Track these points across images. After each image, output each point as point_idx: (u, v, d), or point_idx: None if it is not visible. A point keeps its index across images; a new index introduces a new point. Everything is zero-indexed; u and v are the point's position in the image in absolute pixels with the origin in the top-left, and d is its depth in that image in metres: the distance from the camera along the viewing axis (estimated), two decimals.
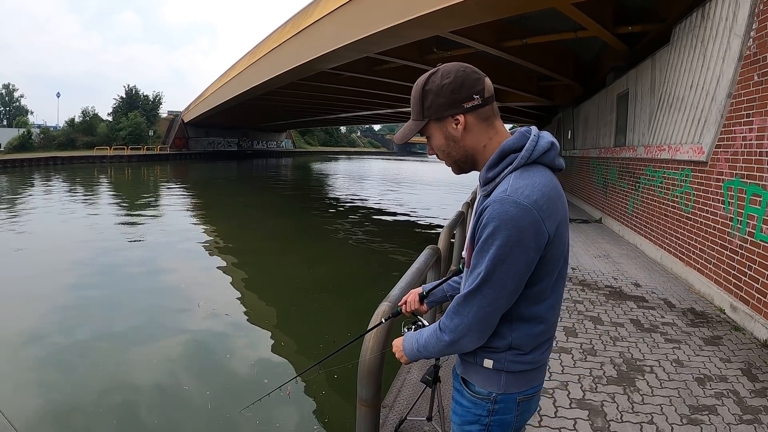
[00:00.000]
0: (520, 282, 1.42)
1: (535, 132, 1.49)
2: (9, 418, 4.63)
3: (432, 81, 1.50)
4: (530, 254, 1.39)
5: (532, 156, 1.44)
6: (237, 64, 31.59)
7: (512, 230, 1.35)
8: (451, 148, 1.55)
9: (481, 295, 1.42)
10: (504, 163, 1.46)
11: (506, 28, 12.38)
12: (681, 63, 8.05)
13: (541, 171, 1.45)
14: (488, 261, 1.39)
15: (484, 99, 1.48)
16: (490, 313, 1.44)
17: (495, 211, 1.37)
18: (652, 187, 9.05)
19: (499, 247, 1.37)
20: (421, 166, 76.25)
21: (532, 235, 1.37)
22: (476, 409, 1.60)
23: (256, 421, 5.13)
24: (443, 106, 1.49)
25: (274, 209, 22.80)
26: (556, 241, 1.44)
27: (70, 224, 16.54)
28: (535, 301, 1.49)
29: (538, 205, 1.37)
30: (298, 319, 8.37)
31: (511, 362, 1.53)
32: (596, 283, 7.00)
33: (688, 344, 4.74)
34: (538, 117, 28.37)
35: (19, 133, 50.72)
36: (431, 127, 1.55)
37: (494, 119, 1.53)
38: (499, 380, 1.55)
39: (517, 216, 1.35)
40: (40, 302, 8.54)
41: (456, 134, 1.51)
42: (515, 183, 1.40)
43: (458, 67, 1.49)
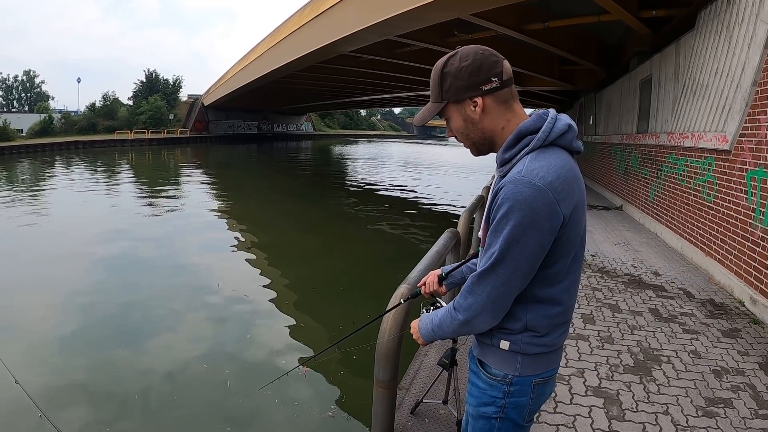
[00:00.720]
0: (533, 263, 1.43)
1: (552, 114, 1.49)
2: (31, 396, 4.79)
3: (451, 63, 1.52)
4: (544, 235, 1.40)
5: (548, 138, 1.45)
6: (257, 47, 31.61)
7: (526, 211, 1.36)
8: (469, 130, 1.57)
9: (495, 274, 1.44)
10: (520, 144, 1.47)
11: (528, 11, 12.21)
12: (706, 49, 7.89)
13: (557, 153, 1.46)
14: (502, 241, 1.40)
15: (503, 82, 1.49)
16: (504, 293, 1.46)
17: (509, 191, 1.39)
18: (674, 175, 8.93)
19: (513, 227, 1.38)
20: (441, 149, 75.98)
21: (546, 216, 1.38)
22: (492, 391, 1.61)
23: (275, 399, 5.23)
24: (461, 88, 1.51)
25: (294, 192, 22.93)
26: (571, 224, 1.45)
27: (91, 206, 16.83)
28: (551, 282, 1.50)
29: (553, 187, 1.38)
30: (318, 301, 8.47)
31: (527, 344, 1.54)
32: (615, 271, 6.96)
33: (706, 336, 4.71)
34: (560, 102, 28.01)
35: (41, 118, 51.22)
36: (450, 109, 1.57)
37: (513, 102, 1.54)
38: (515, 362, 1.56)
39: (531, 197, 1.36)
40: (62, 283, 8.74)
41: (474, 116, 1.53)
42: (530, 164, 1.41)
43: (477, 49, 1.50)
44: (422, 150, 72.02)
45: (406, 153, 63.10)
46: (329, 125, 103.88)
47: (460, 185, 27.91)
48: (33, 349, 6.32)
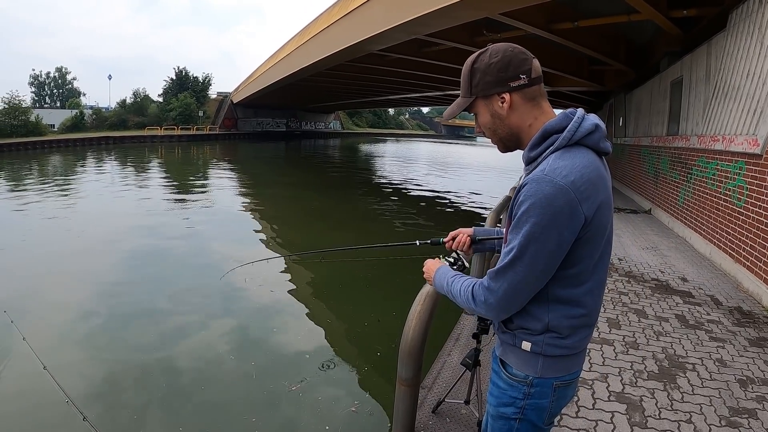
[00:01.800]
0: (551, 262, 1.44)
1: (579, 114, 1.50)
2: (59, 382, 4.94)
3: (481, 60, 1.55)
4: (564, 235, 1.40)
5: (574, 137, 1.46)
6: (285, 45, 31.86)
7: (546, 209, 1.38)
8: (496, 126, 1.59)
9: (513, 271, 1.45)
10: (546, 143, 1.48)
11: (557, 10, 12.12)
12: (737, 50, 7.75)
13: (583, 152, 1.46)
14: (521, 238, 1.42)
15: (531, 79, 1.51)
16: (520, 290, 1.48)
17: (531, 189, 1.40)
18: (704, 178, 8.79)
19: (532, 225, 1.39)
20: (469, 149, 75.68)
21: (567, 215, 1.38)
22: (512, 392, 1.62)
23: (299, 393, 5.30)
24: (490, 84, 1.53)
25: (322, 189, 23.02)
26: (595, 224, 1.45)
27: (121, 200, 17.15)
28: (573, 283, 1.51)
29: (576, 186, 1.38)
30: (344, 298, 8.53)
31: (549, 345, 1.55)
32: (642, 276, 6.89)
33: (732, 344, 4.65)
34: (589, 103, 27.69)
35: (72, 114, 52.26)
36: (478, 105, 1.59)
37: (541, 100, 1.55)
38: (537, 363, 1.57)
39: (552, 195, 1.37)
40: (91, 274, 8.95)
41: (501, 112, 1.55)
42: (554, 163, 1.42)
43: (507, 47, 1.52)
44: (450, 150, 71.77)
45: (434, 152, 62.93)
46: (357, 124, 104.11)
47: (488, 186, 27.76)
48: (61, 337, 6.50)
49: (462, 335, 4.51)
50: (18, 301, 7.42)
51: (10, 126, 40.59)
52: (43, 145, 39.52)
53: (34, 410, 4.84)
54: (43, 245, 10.78)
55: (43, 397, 4.92)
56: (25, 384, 5.26)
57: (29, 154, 35.16)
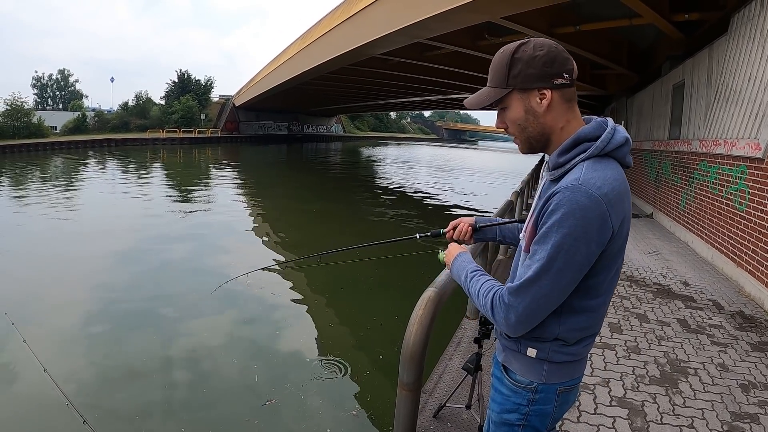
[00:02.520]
0: (577, 275, 1.41)
1: (611, 124, 1.48)
2: (59, 385, 4.94)
3: (523, 50, 1.47)
4: (592, 247, 1.38)
5: (606, 148, 1.43)
6: (287, 49, 31.93)
7: (579, 220, 1.34)
8: (528, 123, 1.51)
9: (538, 285, 1.41)
10: (577, 150, 1.45)
11: (559, 14, 12.17)
12: (739, 54, 7.75)
13: (612, 164, 1.44)
14: (550, 248, 1.38)
15: (571, 80, 1.47)
16: (542, 306, 1.44)
17: (565, 198, 1.36)
18: (706, 182, 8.79)
19: (564, 235, 1.36)
20: (471, 153, 75.90)
21: (597, 228, 1.36)
22: (516, 398, 1.61)
23: (301, 395, 5.34)
24: (532, 77, 1.46)
25: (323, 193, 23.08)
26: (618, 237, 1.43)
27: (122, 203, 17.20)
28: (589, 295, 1.49)
29: (608, 198, 1.36)
30: (347, 300, 8.56)
31: (555, 352, 1.53)
32: (644, 280, 6.88)
33: (734, 348, 4.64)
34: (591, 107, 27.69)
35: (74, 116, 52.38)
36: (513, 97, 1.51)
37: (574, 103, 1.51)
38: (542, 370, 1.56)
39: (586, 206, 1.34)
40: (91, 276, 8.99)
41: (539, 109, 1.48)
42: (588, 173, 1.38)
43: (551, 43, 1.47)
44: (452, 153, 71.97)
45: (436, 156, 63.05)
46: (359, 127, 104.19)
47: (489, 189, 27.85)
48: (62, 339, 6.52)
49: (463, 340, 4.50)
50: (19, 304, 7.44)
51: (13, 127, 40.73)
52: (45, 146, 39.61)
53: (34, 413, 4.85)
54: (44, 248, 10.80)
55: (43, 400, 4.93)
56: (25, 386, 5.28)
57: (31, 155, 35.24)
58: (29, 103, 46.51)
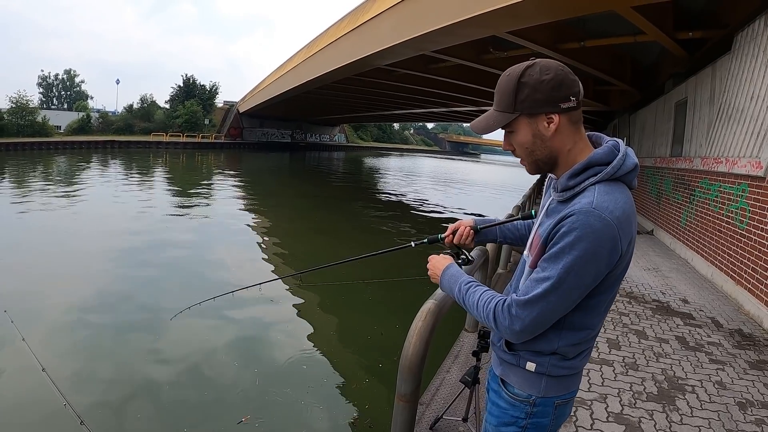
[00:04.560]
0: (584, 293, 1.44)
1: (623, 149, 1.49)
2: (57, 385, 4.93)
3: (529, 74, 1.45)
4: (601, 269, 1.40)
5: (617, 173, 1.44)
6: (293, 57, 32.03)
7: (591, 244, 1.36)
8: (536, 147, 1.52)
9: (546, 301, 1.43)
10: (587, 173, 1.45)
11: (564, 30, 12.22)
12: (742, 72, 7.80)
13: (622, 188, 1.46)
14: (561, 270, 1.39)
15: (578, 102, 1.47)
16: (548, 319, 1.47)
17: (579, 221, 1.37)
18: (707, 200, 8.81)
19: (575, 258, 1.37)
20: (473, 166, 76.02)
21: (608, 250, 1.38)
22: (514, 411, 1.62)
23: (301, 401, 5.36)
24: (539, 102, 1.45)
25: (325, 202, 23.08)
26: (624, 257, 1.45)
27: (124, 205, 17.21)
28: (591, 313, 1.51)
29: (619, 222, 1.38)
30: (347, 310, 8.57)
31: (554, 366, 1.55)
32: (644, 297, 6.89)
33: (732, 366, 4.64)
34: (594, 122, 27.77)
35: (79, 116, 52.59)
36: (520, 122, 1.50)
37: (580, 125, 1.52)
38: (540, 383, 1.57)
39: (599, 230, 1.36)
40: (92, 277, 9.00)
41: (546, 133, 1.48)
42: (601, 197, 1.39)
43: (557, 65, 1.45)
44: (454, 166, 72.03)
45: (438, 168, 63.12)
46: (362, 137, 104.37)
47: (490, 203, 27.89)
48: (61, 338, 6.55)
49: (461, 352, 4.51)
50: (18, 301, 7.45)
51: (17, 125, 40.98)
52: (49, 145, 39.87)
53: (31, 412, 4.85)
54: (45, 246, 10.84)
55: (41, 400, 4.92)
56: (23, 385, 5.27)
57: (35, 154, 35.43)
58: (34, 102, 46.82)
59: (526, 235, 2.02)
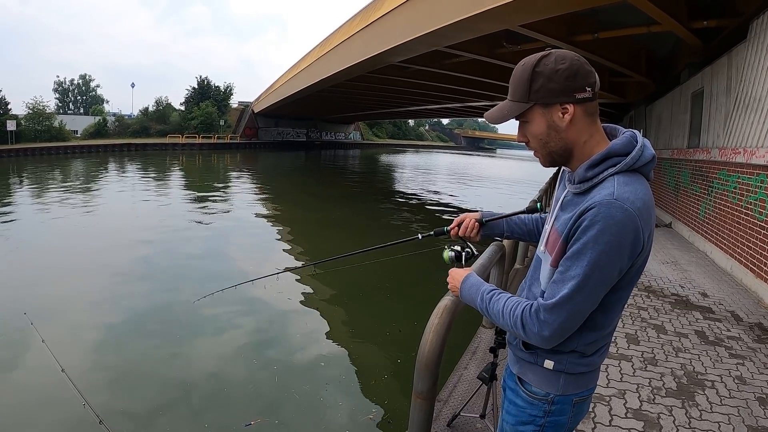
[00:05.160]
0: (608, 288, 1.42)
1: (641, 141, 1.47)
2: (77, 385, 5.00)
3: (544, 63, 1.43)
4: (624, 261, 1.38)
5: (636, 164, 1.42)
6: (306, 56, 32.13)
7: (615, 236, 1.34)
8: (550, 138, 1.49)
9: (573, 303, 1.40)
10: (606, 164, 1.43)
11: (577, 22, 12.13)
12: (758, 61, 7.67)
13: (641, 179, 1.44)
14: (587, 267, 1.36)
15: (594, 93, 1.44)
16: (576, 321, 1.44)
17: (601, 214, 1.34)
18: (725, 192, 8.69)
19: (600, 252, 1.35)
20: (489, 161, 75.76)
21: (631, 242, 1.36)
22: (532, 410, 1.61)
23: (320, 398, 5.42)
24: (554, 91, 1.43)
25: (341, 200, 23.18)
26: (645, 250, 1.43)
27: (142, 206, 17.48)
28: (610, 309, 1.49)
29: (640, 213, 1.36)
30: (364, 306, 8.63)
31: (572, 364, 1.53)
32: (662, 291, 6.83)
33: (752, 361, 4.58)
34: (609, 115, 27.50)
35: (95, 120, 53.40)
36: (534, 112, 1.48)
37: (596, 116, 1.49)
38: (558, 381, 1.55)
39: (622, 221, 1.33)
40: (111, 280, 9.12)
41: (561, 124, 1.45)
42: (621, 188, 1.37)
43: (573, 55, 1.43)
44: (470, 161, 71.88)
45: (454, 164, 62.99)
46: (377, 134, 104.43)
47: (508, 198, 27.80)
48: (80, 340, 6.65)
49: (479, 349, 4.50)
50: (38, 304, 7.59)
51: (34, 131, 41.58)
52: (66, 150, 40.46)
53: (52, 413, 4.95)
54: (64, 249, 11.01)
55: (61, 400, 5.00)
56: (43, 386, 5.37)
57: (53, 158, 35.94)
58: (51, 107, 47.43)
59: (533, 230, 2.01)
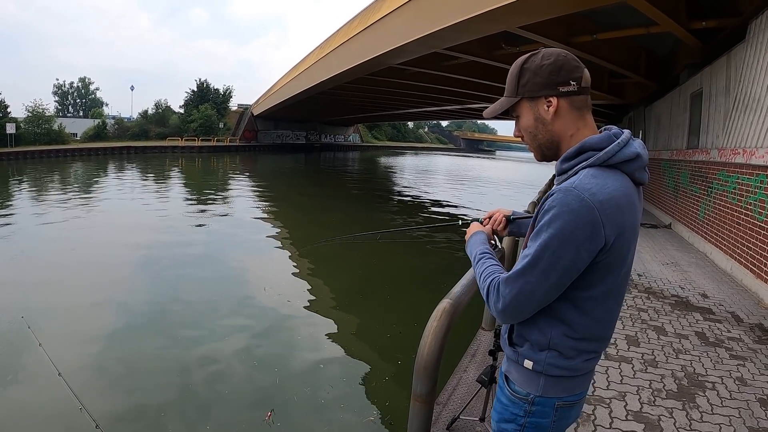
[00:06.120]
0: (563, 278, 1.41)
1: (624, 137, 1.47)
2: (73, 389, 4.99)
3: (532, 61, 1.53)
4: (580, 253, 1.37)
5: (611, 159, 1.43)
6: (306, 59, 32.14)
7: (567, 223, 1.35)
8: (538, 131, 1.55)
9: (524, 279, 1.43)
10: (580, 157, 1.46)
11: (576, 23, 12.12)
12: (757, 61, 7.66)
13: (617, 176, 1.43)
14: (538, 247, 1.39)
15: (580, 87, 1.49)
16: (528, 300, 1.45)
17: (557, 200, 1.38)
18: (724, 192, 8.68)
19: (551, 236, 1.37)
20: (488, 162, 75.86)
21: (587, 234, 1.35)
22: (514, 408, 1.61)
23: (321, 400, 5.41)
24: (539, 85, 1.50)
25: (341, 202, 23.17)
26: (614, 251, 1.41)
27: (141, 210, 17.42)
28: (581, 308, 1.48)
29: (602, 207, 1.35)
30: (365, 308, 8.61)
31: (550, 365, 1.52)
32: (662, 292, 6.81)
33: (753, 362, 4.57)
34: (608, 116, 27.52)
35: (95, 123, 53.43)
36: (523, 106, 1.56)
37: (585, 111, 1.53)
38: (538, 382, 1.55)
39: (576, 210, 1.35)
40: (108, 283, 9.10)
41: (546, 116, 1.52)
42: (585, 179, 1.39)
43: (559, 51, 1.51)
44: (469, 163, 71.96)
45: (453, 166, 63.07)
46: (376, 137, 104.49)
47: (507, 200, 27.78)
48: (77, 344, 6.60)
49: (478, 351, 4.49)
50: (35, 307, 7.56)
51: (34, 134, 41.61)
52: (66, 153, 40.55)
53: (48, 417, 4.93)
54: (62, 252, 10.99)
55: (57, 404, 5.00)
56: (40, 390, 5.36)
57: (52, 161, 35.99)
58: (50, 110, 47.42)
59: None
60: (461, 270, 3.32)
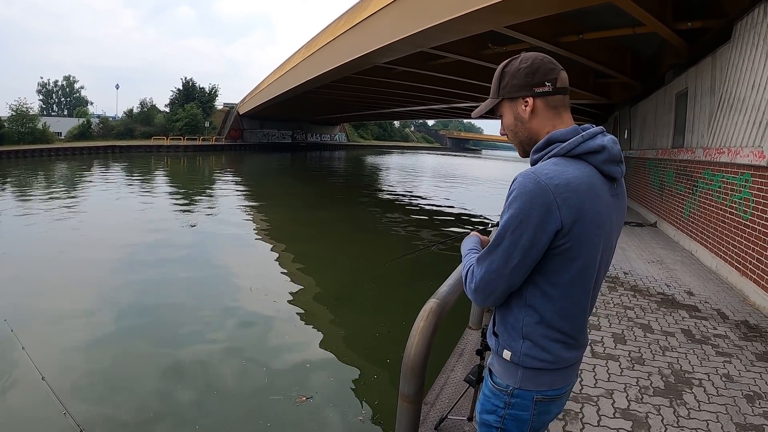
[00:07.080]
0: (525, 259, 1.47)
1: (592, 131, 1.55)
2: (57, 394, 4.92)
3: (511, 64, 1.64)
4: (537, 234, 1.43)
5: (574, 150, 1.50)
6: (292, 57, 31.98)
7: (524, 203, 1.43)
8: (518, 128, 1.65)
9: (491, 259, 1.51)
10: (548, 149, 1.54)
11: (563, 23, 12.16)
12: (742, 62, 7.74)
13: (580, 166, 1.49)
14: (501, 228, 1.48)
15: (555, 88, 1.59)
16: (496, 280, 1.52)
17: (517, 183, 1.46)
18: (709, 191, 8.76)
19: (510, 216, 1.45)
20: (474, 161, 76.10)
21: (541, 215, 1.42)
22: (495, 400, 1.65)
23: (310, 400, 5.34)
24: (516, 87, 1.61)
25: (327, 201, 23.06)
26: (574, 236, 1.46)
27: (124, 209, 17.24)
28: (548, 294, 1.53)
29: (558, 190, 1.42)
30: (353, 307, 8.58)
31: (526, 356, 1.56)
32: (648, 290, 6.85)
33: (739, 359, 4.60)
34: (594, 116, 27.69)
35: (79, 122, 52.79)
36: (504, 106, 1.67)
37: (562, 110, 1.62)
38: (516, 374, 1.59)
39: (532, 191, 1.42)
40: (93, 284, 8.97)
41: (524, 115, 1.62)
42: (546, 166, 1.48)
43: (537, 55, 1.61)
44: (455, 162, 72.03)
45: (439, 164, 63.09)
46: (363, 136, 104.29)
47: (492, 198, 27.83)
48: (61, 347, 6.47)
49: (465, 351, 4.48)
50: (18, 310, 7.42)
51: (18, 133, 41.05)
52: (50, 152, 39.97)
53: (31, 422, 4.83)
54: (46, 254, 10.79)
55: (41, 409, 4.90)
56: (23, 394, 5.25)
57: (36, 161, 35.50)
58: (34, 109, 46.80)
59: None
60: (448, 268, 3.31)
